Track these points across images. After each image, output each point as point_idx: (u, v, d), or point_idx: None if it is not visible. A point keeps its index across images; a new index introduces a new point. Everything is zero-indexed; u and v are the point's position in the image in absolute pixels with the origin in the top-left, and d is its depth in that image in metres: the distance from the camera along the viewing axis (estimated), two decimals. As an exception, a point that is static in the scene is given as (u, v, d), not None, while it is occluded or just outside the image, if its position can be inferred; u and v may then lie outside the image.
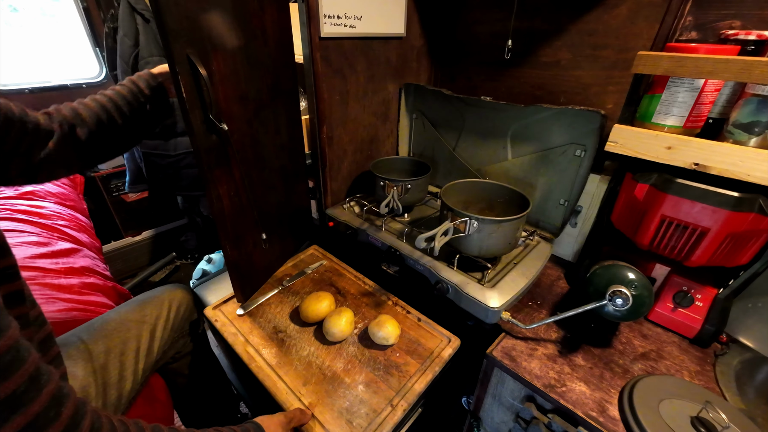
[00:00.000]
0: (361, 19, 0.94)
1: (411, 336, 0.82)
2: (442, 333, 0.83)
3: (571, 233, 0.98)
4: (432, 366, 0.75)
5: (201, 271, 1.60)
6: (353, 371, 0.74)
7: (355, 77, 1.02)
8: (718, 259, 0.69)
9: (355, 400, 0.69)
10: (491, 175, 1.08)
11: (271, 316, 0.87)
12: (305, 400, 0.68)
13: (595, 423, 0.60)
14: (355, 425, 0.64)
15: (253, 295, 0.93)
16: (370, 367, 0.75)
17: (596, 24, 0.88)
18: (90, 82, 1.98)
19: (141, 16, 1.50)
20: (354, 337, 0.82)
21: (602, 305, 0.68)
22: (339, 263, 1.06)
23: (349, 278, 1.01)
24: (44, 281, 1.05)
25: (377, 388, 0.71)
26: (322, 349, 0.79)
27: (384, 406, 0.67)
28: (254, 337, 0.82)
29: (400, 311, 0.89)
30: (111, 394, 0.71)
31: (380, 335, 0.77)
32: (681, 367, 0.71)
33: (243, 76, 0.72)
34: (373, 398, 0.69)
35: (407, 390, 0.70)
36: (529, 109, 0.92)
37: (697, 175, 0.64)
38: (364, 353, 0.78)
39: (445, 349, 0.79)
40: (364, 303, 0.92)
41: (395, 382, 0.72)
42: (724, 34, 0.68)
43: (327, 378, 0.73)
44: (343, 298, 0.93)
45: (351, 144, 1.11)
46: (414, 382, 0.72)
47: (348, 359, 0.77)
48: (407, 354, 0.78)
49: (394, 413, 0.66)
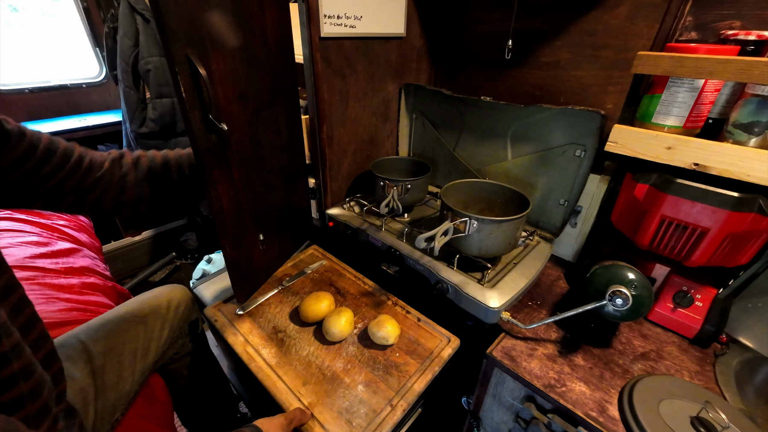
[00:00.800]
0: (361, 19, 0.94)
1: (411, 336, 0.82)
2: (441, 333, 0.83)
3: (571, 233, 0.98)
4: (432, 366, 0.75)
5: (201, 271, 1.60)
6: (353, 371, 0.74)
7: (355, 77, 1.02)
8: (718, 259, 0.69)
9: (355, 400, 0.69)
10: (491, 175, 1.08)
11: (270, 316, 0.87)
12: (305, 400, 0.68)
13: (594, 423, 0.60)
14: (354, 425, 0.64)
15: (253, 295, 0.93)
16: (370, 367, 0.75)
17: (596, 24, 0.88)
18: (90, 82, 1.98)
19: (141, 16, 1.50)
20: (354, 337, 0.82)
21: (602, 305, 0.68)
22: (339, 263, 1.06)
23: (349, 278, 1.01)
24: (44, 281, 1.05)
25: (377, 388, 0.71)
26: (322, 349, 0.79)
27: (383, 406, 0.67)
28: (254, 337, 0.82)
29: (399, 311, 0.89)
30: (110, 395, 0.71)
31: (380, 335, 0.77)
32: (681, 367, 0.71)
33: (243, 76, 0.72)
34: (372, 398, 0.69)
35: (407, 390, 0.70)
36: (529, 109, 0.92)
37: (697, 175, 0.64)
38: (364, 353, 0.78)
39: (444, 349, 0.79)
40: (364, 303, 0.92)
41: (395, 382, 0.72)
42: (724, 34, 0.68)
43: (326, 378, 0.73)
44: (343, 298, 0.93)
45: (351, 144, 1.11)
46: (414, 382, 0.72)
47: (348, 359, 0.77)
48: (407, 354, 0.78)
49: (393, 413, 0.66)
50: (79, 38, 1.87)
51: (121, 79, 1.60)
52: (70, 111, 1.96)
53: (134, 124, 1.65)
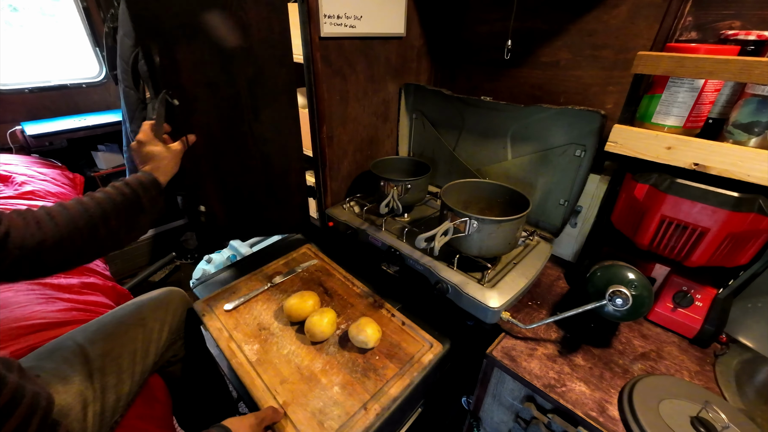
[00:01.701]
0: (361, 19, 0.94)
1: (393, 340, 0.82)
2: (424, 338, 0.82)
3: (571, 233, 0.98)
4: (410, 371, 0.74)
5: (201, 271, 1.60)
6: (331, 372, 0.74)
7: (355, 77, 1.02)
8: (718, 259, 0.69)
9: (329, 401, 0.68)
10: (491, 175, 1.08)
11: (257, 313, 0.88)
12: (280, 399, 0.69)
13: (594, 423, 0.60)
14: (326, 426, 0.64)
15: (242, 291, 0.95)
16: (348, 369, 0.74)
17: (596, 24, 0.88)
18: (90, 82, 1.98)
19: (141, 16, 1.50)
20: (335, 338, 0.82)
21: (602, 305, 0.68)
22: (330, 263, 1.07)
23: (338, 278, 1.01)
24: (44, 281, 1.05)
25: (352, 390, 0.70)
26: (303, 348, 0.79)
27: (358, 408, 0.67)
28: (238, 333, 0.82)
29: (385, 314, 0.89)
30: (109, 397, 0.71)
31: (360, 338, 0.76)
32: (681, 367, 0.71)
33: (211, 67, 0.80)
34: (347, 400, 0.68)
35: (383, 394, 0.70)
36: (529, 109, 0.92)
37: (697, 175, 0.64)
38: (344, 355, 0.78)
39: (425, 355, 0.78)
40: (350, 304, 0.92)
41: (371, 386, 0.71)
42: (724, 34, 0.68)
43: (304, 377, 0.73)
44: (330, 298, 0.94)
45: (351, 144, 1.11)
46: (391, 386, 0.71)
47: (327, 360, 0.77)
48: (387, 358, 0.77)
49: (366, 416, 0.66)
50: (79, 38, 1.87)
51: (121, 79, 1.60)
52: (70, 111, 1.96)
53: (134, 124, 1.65)
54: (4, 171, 1.52)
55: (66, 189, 1.66)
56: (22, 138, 1.81)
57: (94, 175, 1.93)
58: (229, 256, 1.53)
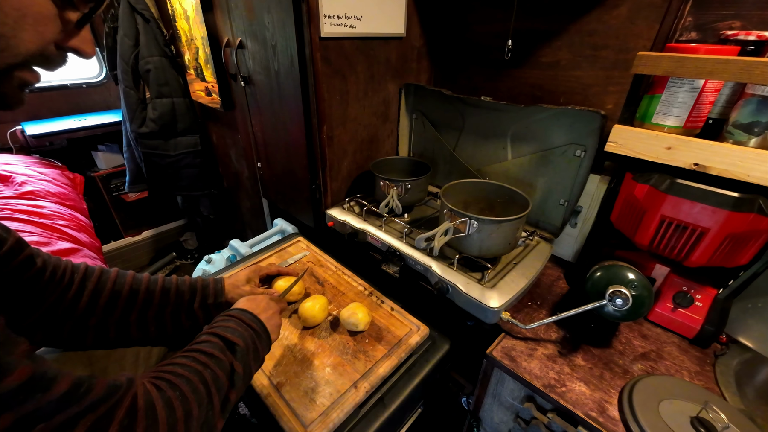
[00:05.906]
0: (361, 19, 0.94)
1: (382, 324, 0.84)
2: (411, 322, 0.85)
3: (571, 233, 0.98)
4: (398, 352, 0.77)
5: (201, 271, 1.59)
6: (322, 354, 0.76)
7: (355, 77, 1.02)
8: (718, 259, 0.69)
9: (321, 380, 0.71)
10: (491, 175, 1.08)
11: None
12: (274, 380, 0.70)
13: (594, 423, 0.60)
14: (318, 403, 0.66)
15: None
16: (339, 351, 0.77)
17: (596, 24, 0.88)
18: (90, 82, 1.98)
19: (141, 16, 1.50)
20: (326, 323, 0.84)
21: (602, 305, 0.68)
22: (322, 254, 1.09)
23: (330, 268, 1.03)
24: (44, 281, 1.05)
25: (343, 371, 0.73)
26: (296, 332, 0.82)
27: (348, 387, 0.70)
28: None
29: (374, 300, 0.91)
30: None
31: (351, 321, 0.79)
32: (681, 368, 0.71)
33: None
34: (338, 380, 0.71)
35: (372, 373, 0.72)
36: (529, 109, 0.92)
37: (697, 176, 0.64)
38: (335, 338, 0.80)
39: (412, 337, 0.81)
40: (341, 292, 0.94)
41: (361, 366, 0.74)
42: (724, 34, 0.68)
43: (297, 360, 0.75)
44: (322, 287, 0.96)
45: (351, 144, 1.11)
46: (380, 366, 0.74)
47: (319, 343, 0.79)
48: (376, 340, 0.80)
49: (356, 394, 0.68)
50: (79, 38, 1.87)
51: (121, 79, 1.60)
52: (70, 111, 1.96)
53: (134, 124, 1.65)
54: (4, 171, 1.52)
55: (66, 189, 1.66)
56: (22, 138, 1.81)
57: (94, 175, 1.93)
58: (229, 257, 1.53)
